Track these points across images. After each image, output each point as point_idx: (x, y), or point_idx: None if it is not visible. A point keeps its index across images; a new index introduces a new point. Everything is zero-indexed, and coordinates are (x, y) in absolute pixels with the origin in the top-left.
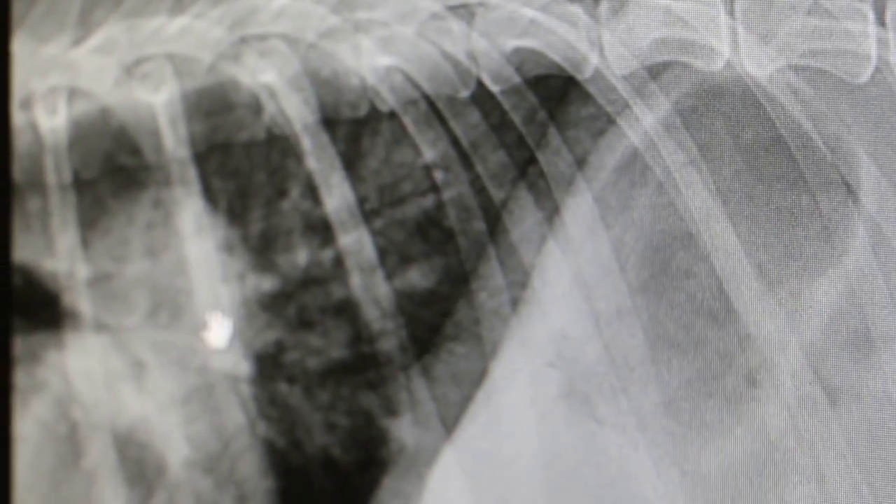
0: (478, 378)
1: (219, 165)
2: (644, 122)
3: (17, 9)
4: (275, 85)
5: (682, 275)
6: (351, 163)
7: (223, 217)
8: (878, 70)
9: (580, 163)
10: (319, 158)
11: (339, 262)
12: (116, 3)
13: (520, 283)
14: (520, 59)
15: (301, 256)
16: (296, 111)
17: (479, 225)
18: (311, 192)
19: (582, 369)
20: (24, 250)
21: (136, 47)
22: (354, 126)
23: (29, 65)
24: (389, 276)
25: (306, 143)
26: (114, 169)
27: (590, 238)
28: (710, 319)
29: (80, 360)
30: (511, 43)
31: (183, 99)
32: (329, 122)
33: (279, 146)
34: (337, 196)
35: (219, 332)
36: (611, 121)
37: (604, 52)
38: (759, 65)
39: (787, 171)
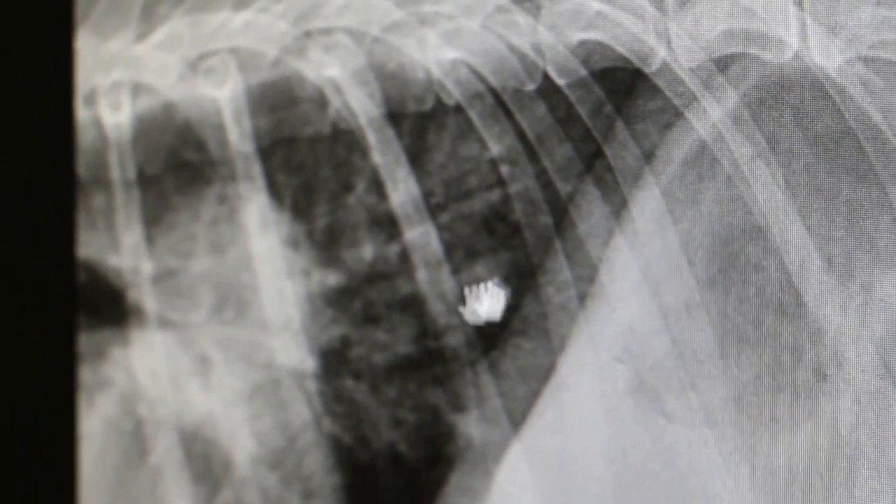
0: (545, 373)
1: (283, 160)
2: (712, 114)
3: (80, 5)
4: (340, 79)
5: (751, 268)
6: (416, 157)
7: (288, 212)
8: None
9: (647, 156)
10: (385, 153)
11: (404, 257)
12: None
13: (587, 277)
14: (586, 51)
15: (366, 251)
16: (361, 105)
17: (546, 219)
18: (377, 186)
19: (650, 364)
20: (88, 247)
21: (199, 42)
22: (420, 120)
23: (93, 60)
24: (456, 271)
25: (371, 138)
26: (178, 164)
27: (657, 232)
28: (780, 313)
29: (146, 357)
30: (577, 35)
31: (247, 93)
32: (394, 116)
33: (344, 140)
34: (402, 191)
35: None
36: (678, 114)
37: (671, 45)
38: (828, 56)
39: (857, 163)
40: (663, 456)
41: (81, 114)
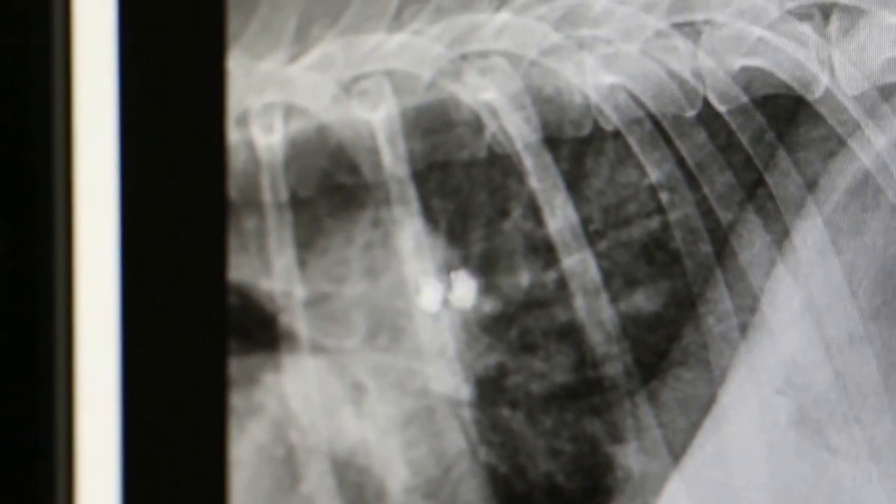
0: (706, 405)
1: (438, 184)
2: (876, 143)
3: (233, 25)
4: (496, 103)
5: None
6: (574, 183)
7: (443, 237)
8: None
9: (810, 185)
10: (542, 178)
11: (562, 284)
12: (334, 19)
13: (748, 307)
14: (747, 78)
15: (523, 278)
16: (517, 130)
17: (706, 247)
18: (534, 212)
19: (813, 397)
20: (240, 270)
21: (353, 64)
22: (578, 145)
23: (244, 81)
24: (614, 299)
25: (528, 163)
26: (331, 187)
27: (820, 262)
28: None
29: (298, 383)
30: (738, 62)
31: (402, 116)
32: (552, 141)
33: (500, 165)
34: (560, 217)
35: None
36: (841, 142)
37: (834, 72)
38: None
39: None
40: (827, 491)
41: (233, 135)
